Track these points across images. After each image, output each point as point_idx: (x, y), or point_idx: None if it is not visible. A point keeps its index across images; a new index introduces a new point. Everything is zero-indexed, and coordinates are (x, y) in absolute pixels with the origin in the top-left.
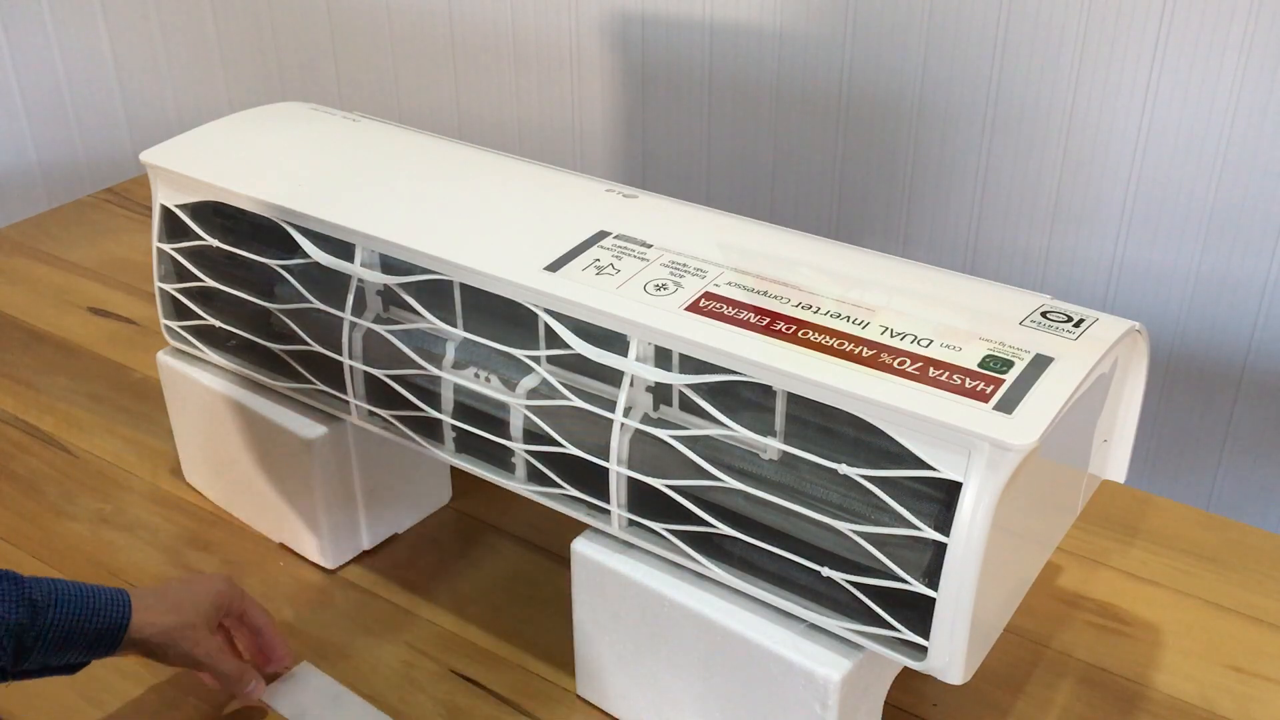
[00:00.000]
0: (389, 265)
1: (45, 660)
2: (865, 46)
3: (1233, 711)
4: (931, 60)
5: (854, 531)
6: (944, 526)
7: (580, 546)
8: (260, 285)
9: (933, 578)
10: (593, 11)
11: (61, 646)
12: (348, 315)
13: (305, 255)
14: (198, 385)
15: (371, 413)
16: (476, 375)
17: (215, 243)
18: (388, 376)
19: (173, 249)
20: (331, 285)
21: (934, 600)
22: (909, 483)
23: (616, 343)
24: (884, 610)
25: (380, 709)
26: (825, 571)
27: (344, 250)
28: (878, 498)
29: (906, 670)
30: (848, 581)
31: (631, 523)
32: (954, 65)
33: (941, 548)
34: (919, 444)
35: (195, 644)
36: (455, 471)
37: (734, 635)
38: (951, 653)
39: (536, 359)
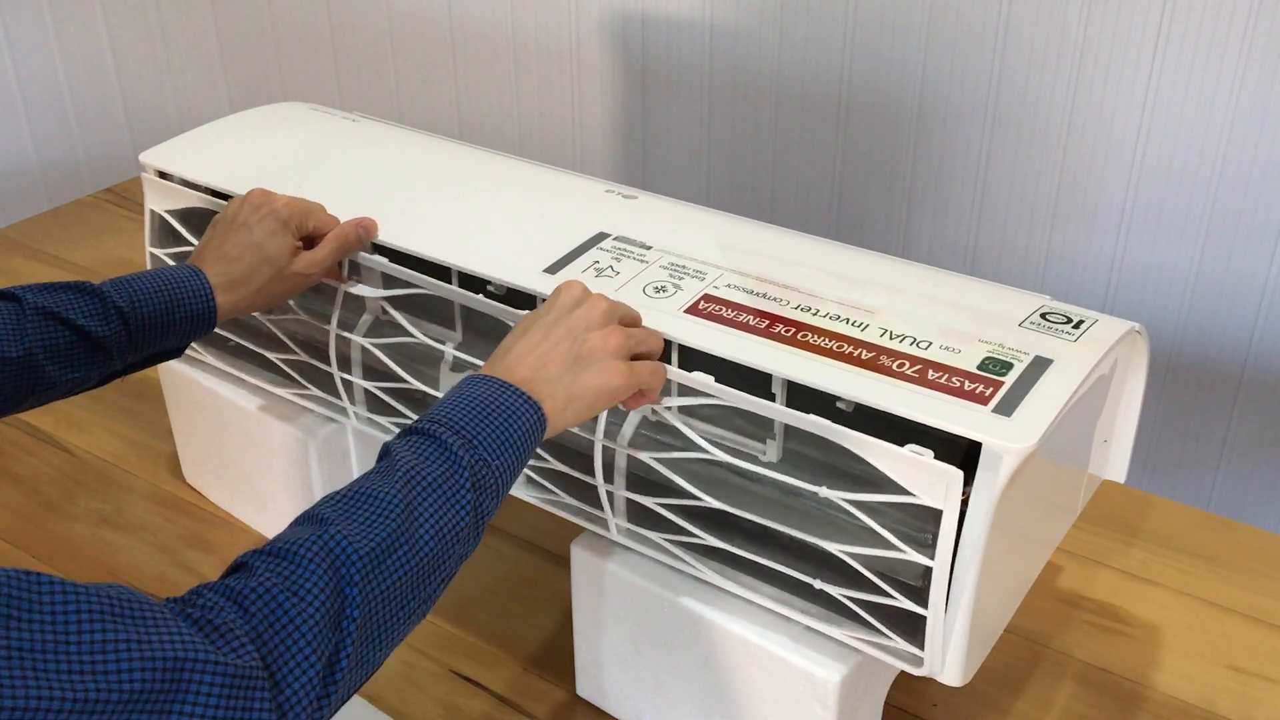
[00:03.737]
0: (389, 278)
1: (148, 352)
2: (865, 46)
3: (1233, 711)
4: (931, 60)
5: (843, 552)
6: (936, 541)
7: (580, 548)
8: None
9: (928, 584)
10: (593, 11)
11: (158, 338)
12: (333, 329)
13: None
14: (198, 385)
15: (370, 419)
16: None
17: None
18: (386, 381)
19: (166, 254)
20: (330, 289)
21: (928, 614)
22: (904, 510)
23: None
24: (879, 621)
25: (380, 709)
26: (818, 584)
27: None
28: (869, 513)
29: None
30: (841, 595)
31: (630, 529)
32: (954, 65)
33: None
34: (900, 473)
35: (289, 292)
36: None
37: (734, 636)
38: (948, 658)
39: None
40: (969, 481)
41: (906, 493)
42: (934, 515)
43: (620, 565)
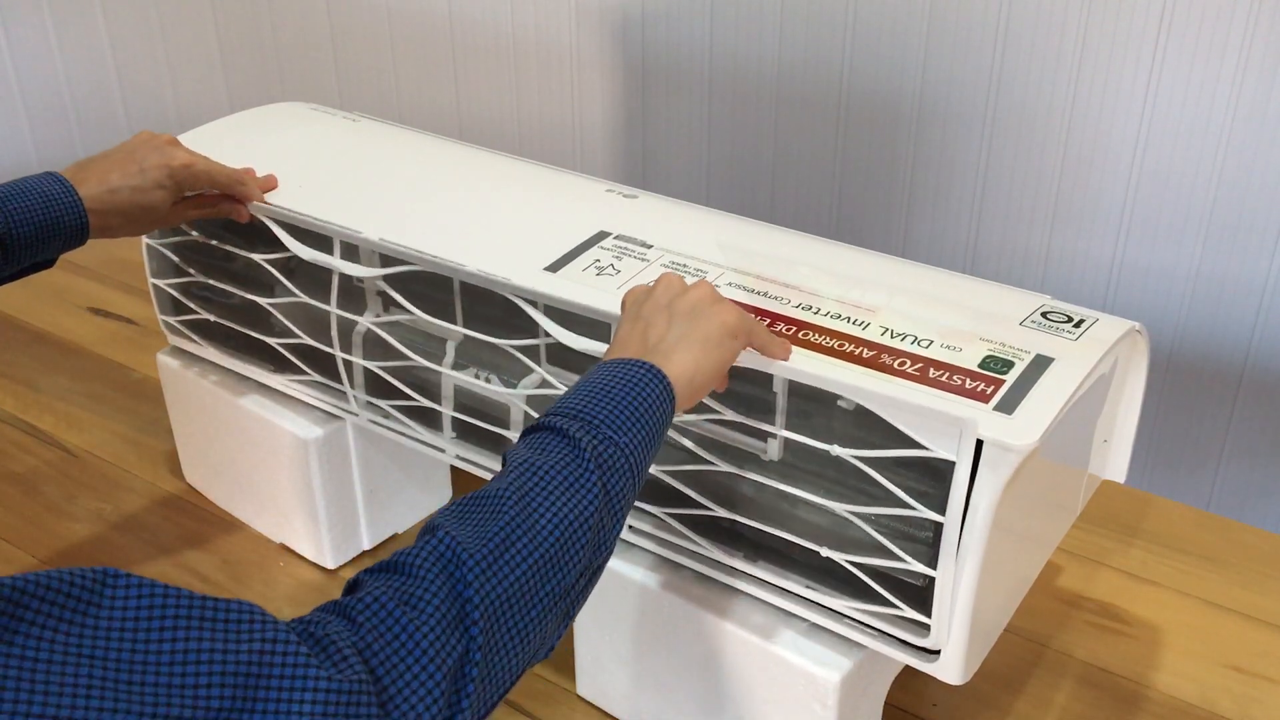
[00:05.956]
0: (389, 265)
1: (21, 265)
2: (865, 46)
3: (1233, 711)
4: (931, 60)
5: (850, 511)
6: (944, 509)
7: None
8: (257, 280)
9: (936, 550)
10: (593, 11)
11: (34, 253)
12: (334, 308)
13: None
14: (198, 385)
15: (370, 403)
16: (477, 375)
17: (213, 240)
18: (387, 374)
19: (161, 244)
20: (330, 285)
21: (936, 578)
22: (910, 476)
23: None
24: (886, 589)
25: None
26: (824, 552)
27: (346, 249)
28: (876, 481)
29: (906, 670)
30: (846, 560)
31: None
32: (954, 65)
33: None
34: (914, 428)
35: (154, 229)
36: (455, 471)
37: (734, 635)
38: (949, 655)
39: (535, 354)
40: (972, 478)
41: (919, 446)
42: (942, 477)
43: (620, 565)
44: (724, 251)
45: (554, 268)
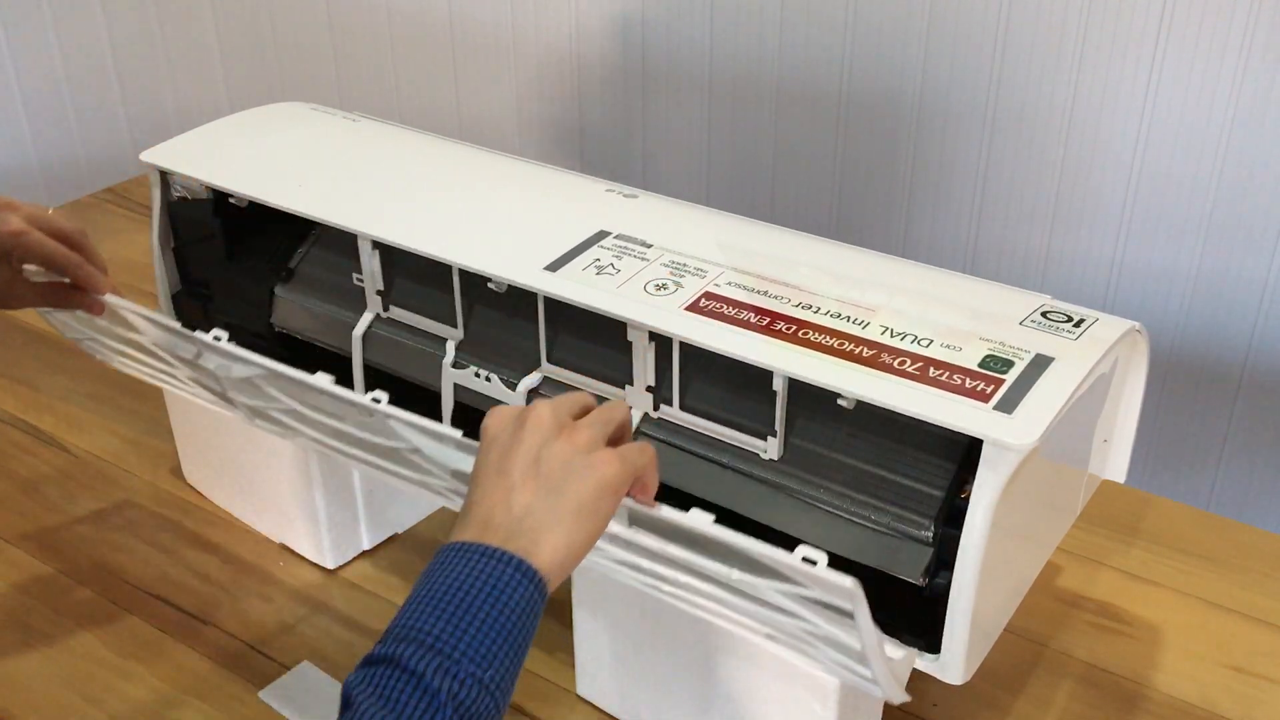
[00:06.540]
0: (388, 263)
1: None
2: (865, 46)
3: (1233, 711)
4: (931, 60)
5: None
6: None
7: None
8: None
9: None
10: (593, 11)
11: None
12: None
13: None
14: None
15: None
16: (477, 375)
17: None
18: (387, 379)
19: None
20: (330, 285)
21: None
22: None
23: (616, 343)
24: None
25: None
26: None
27: (346, 248)
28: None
29: None
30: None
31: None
32: (954, 65)
33: (941, 549)
34: (801, 575)
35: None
36: None
37: (734, 636)
38: (948, 655)
39: (536, 358)
40: (970, 479)
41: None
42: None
43: (620, 564)
44: (724, 251)
45: (554, 267)
